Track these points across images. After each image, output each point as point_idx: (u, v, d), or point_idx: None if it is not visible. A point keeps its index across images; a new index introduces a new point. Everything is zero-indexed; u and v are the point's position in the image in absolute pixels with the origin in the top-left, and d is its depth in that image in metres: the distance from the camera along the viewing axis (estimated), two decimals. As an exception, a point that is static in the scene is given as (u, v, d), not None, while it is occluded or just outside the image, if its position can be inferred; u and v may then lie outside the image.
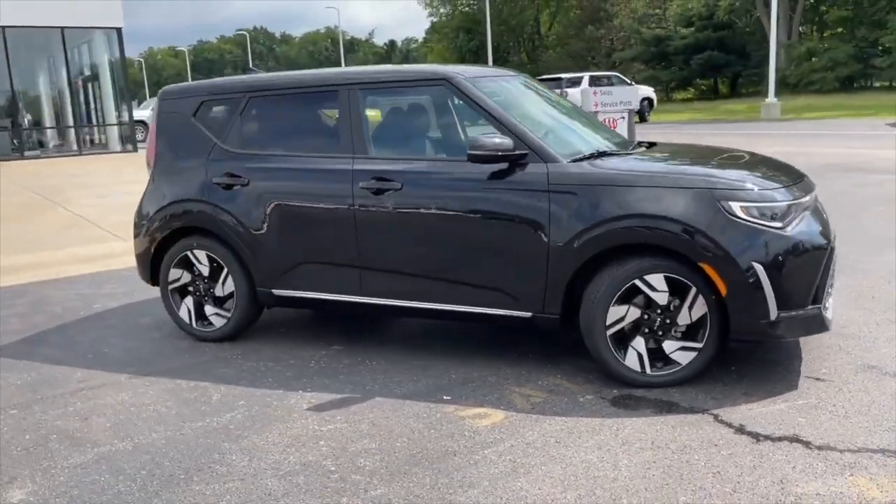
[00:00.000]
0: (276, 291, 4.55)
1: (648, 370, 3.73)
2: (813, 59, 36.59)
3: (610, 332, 3.71)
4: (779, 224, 3.55)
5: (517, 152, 3.84)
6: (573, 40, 49.54)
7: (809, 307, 3.59)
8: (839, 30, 40.08)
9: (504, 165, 3.89)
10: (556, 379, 3.92)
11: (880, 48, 35.08)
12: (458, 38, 56.94)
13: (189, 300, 4.83)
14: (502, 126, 3.97)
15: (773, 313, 3.51)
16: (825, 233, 3.72)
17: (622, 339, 3.75)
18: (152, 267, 4.91)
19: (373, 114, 4.55)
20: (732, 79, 44.21)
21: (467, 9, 57.40)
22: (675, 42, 42.11)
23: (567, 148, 4.04)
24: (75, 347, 4.88)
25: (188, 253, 4.74)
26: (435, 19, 63.23)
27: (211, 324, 4.79)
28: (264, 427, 3.53)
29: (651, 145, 4.70)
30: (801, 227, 3.60)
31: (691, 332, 3.70)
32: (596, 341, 3.74)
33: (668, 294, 3.65)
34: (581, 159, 3.93)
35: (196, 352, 4.65)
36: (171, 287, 4.85)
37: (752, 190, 3.62)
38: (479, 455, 3.15)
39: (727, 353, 3.91)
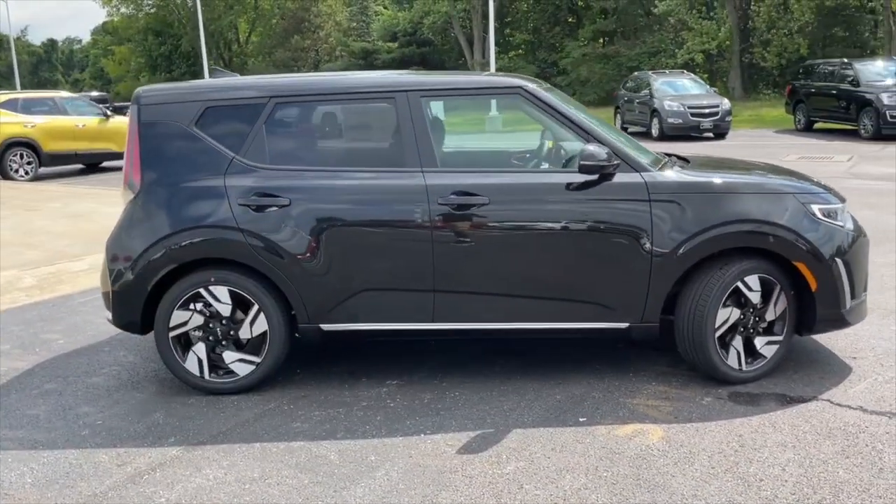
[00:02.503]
0: (324, 327, 3.98)
1: (744, 366, 3.97)
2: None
3: (717, 334, 3.88)
4: (840, 223, 4.01)
5: (615, 162, 3.84)
6: (278, 49, 48.89)
7: (864, 294, 4.11)
8: (520, 51, 44.75)
9: (595, 176, 3.86)
10: (658, 387, 3.99)
11: (557, 69, 39.88)
12: (146, 40, 53.03)
13: (199, 347, 4.00)
14: (588, 135, 3.94)
15: (848, 303, 3.96)
16: (860, 227, 4.27)
17: (723, 340, 3.94)
18: (144, 311, 3.99)
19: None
20: (433, 93, 47.00)
21: (154, 10, 53.64)
22: (382, 56, 43.68)
23: (644, 157, 4.12)
24: (57, 421, 3.78)
25: (201, 290, 3.93)
26: (115, 18, 58.04)
27: (231, 373, 4.02)
28: (440, 480, 3.10)
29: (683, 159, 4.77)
30: (850, 225, 4.10)
31: (772, 327, 4.01)
32: (705, 344, 3.88)
33: (760, 293, 3.92)
34: (662, 168, 4.04)
35: (224, 409, 3.88)
36: (174, 333, 3.98)
37: (821, 193, 4.04)
38: (695, 470, 3.12)
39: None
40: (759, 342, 3.98)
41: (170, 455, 3.41)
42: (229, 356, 4.01)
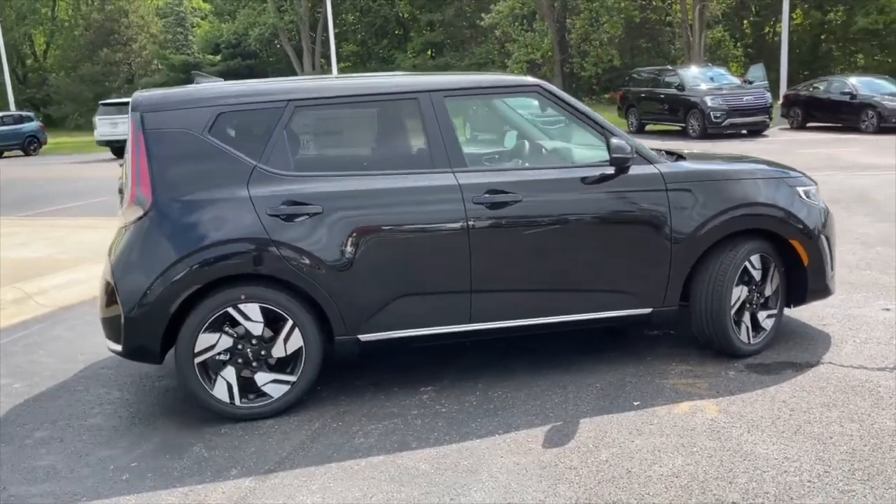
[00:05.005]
0: (362, 337, 3.83)
1: (751, 340, 4.29)
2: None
3: (733, 312, 4.17)
4: (818, 202, 4.44)
5: (635, 154, 4.02)
6: (85, 63, 45.40)
7: (835, 267, 4.59)
8: (349, 62, 44.76)
9: (611, 170, 4.03)
10: (680, 367, 4.21)
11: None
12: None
13: (228, 372, 3.70)
14: (603, 129, 4.09)
15: (829, 274, 4.41)
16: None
17: (735, 316, 4.22)
18: (164, 337, 3.63)
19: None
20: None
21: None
22: (205, 69, 41.85)
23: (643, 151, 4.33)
24: (82, 470, 3.34)
25: (230, 310, 3.65)
26: None
27: (264, 395, 3.76)
28: (548, 475, 3.10)
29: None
30: (822, 204, 4.55)
31: (768, 302, 4.36)
32: (724, 322, 4.15)
33: (761, 272, 4.26)
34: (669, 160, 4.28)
35: (268, 434, 3.62)
36: (200, 359, 3.65)
37: (801, 177, 4.45)
38: (770, 436, 3.34)
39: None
40: (761, 316, 4.32)
41: (245, 487, 3.14)
42: (262, 378, 3.75)
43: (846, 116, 18.93)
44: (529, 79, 4.23)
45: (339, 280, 3.72)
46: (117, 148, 23.52)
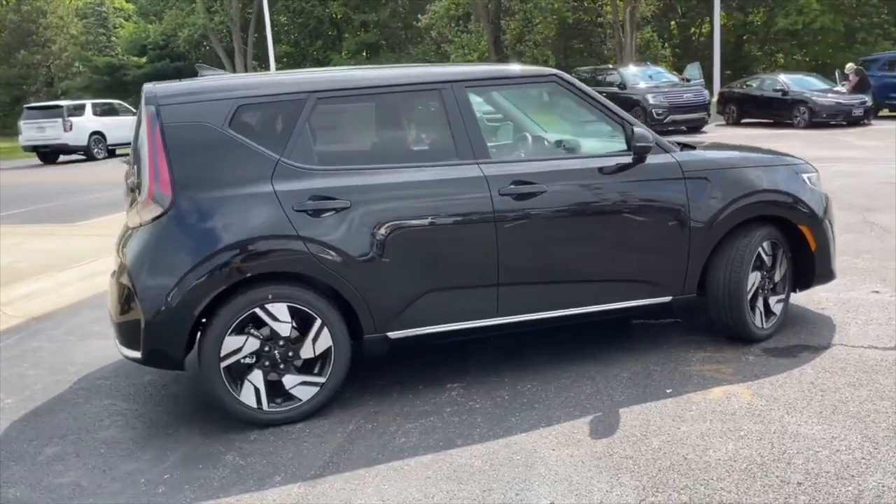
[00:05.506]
0: (391, 335, 3.73)
1: (765, 324, 4.36)
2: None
3: (749, 297, 4.23)
4: (820, 189, 4.55)
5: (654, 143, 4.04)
6: (2, 66, 43.37)
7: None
8: (283, 63, 44.05)
9: (629, 159, 4.04)
10: (699, 353, 4.24)
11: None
12: None
13: (256, 375, 3.54)
14: (620, 118, 4.10)
15: (833, 259, 4.52)
16: None
17: (751, 302, 4.28)
18: (188, 342, 3.45)
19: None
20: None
21: None
22: (132, 71, 40.61)
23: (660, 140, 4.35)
24: (112, 485, 3.13)
25: (257, 310, 3.49)
26: None
27: (292, 399, 3.61)
28: (606, 466, 3.07)
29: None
30: (823, 191, 4.66)
31: (777, 287, 4.44)
32: (742, 308, 4.20)
33: (772, 258, 4.34)
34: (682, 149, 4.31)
35: (301, 438, 3.48)
36: (226, 363, 3.49)
37: (804, 164, 4.55)
38: (810, 417, 3.40)
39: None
40: (772, 301, 4.40)
41: (296, 492, 3.00)
42: (290, 380, 3.60)
43: (779, 112, 19.64)
44: (546, 69, 4.20)
45: (368, 276, 3.61)
46: (45, 153, 22.57)
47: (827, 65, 30.90)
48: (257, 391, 3.55)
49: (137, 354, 3.50)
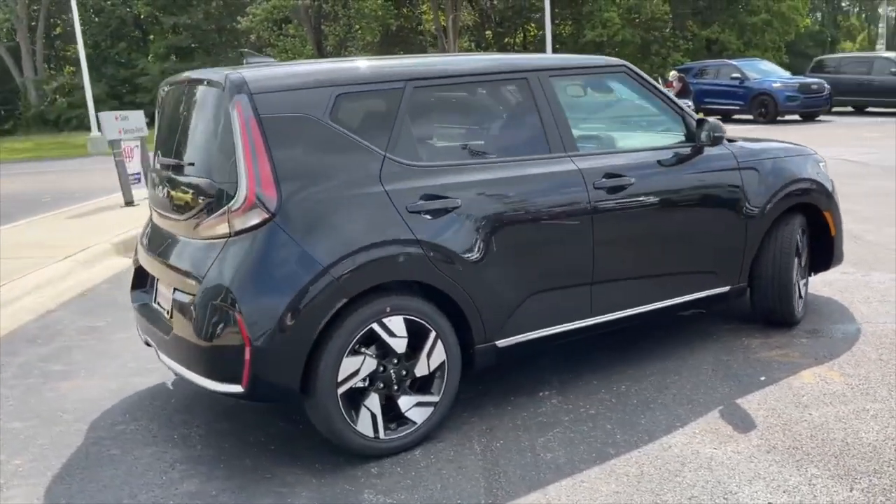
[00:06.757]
0: (500, 344, 3.43)
1: (799, 308, 4.53)
2: (73, 94, 36.08)
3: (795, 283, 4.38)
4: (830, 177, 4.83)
5: None
6: None
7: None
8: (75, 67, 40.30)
9: (688, 150, 4.05)
10: (755, 340, 4.30)
11: (132, 86, 37.08)
12: None
13: (372, 400, 3.10)
14: (681, 110, 4.11)
15: (842, 245, 4.82)
16: None
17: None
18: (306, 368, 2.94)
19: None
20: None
21: None
22: None
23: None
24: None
25: (375, 326, 3.06)
26: None
27: (406, 423, 3.21)
28: (772, 459, 3.01)
29: None
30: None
31: (804, 271, 4.64)
32: (790, 293, 4.34)
33: (801, 243, 4.53)
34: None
35: (426, 466, 3.09)
36: (343, 389, 3.02)
37: (816, 154, 4.79)
38: (913, 389, 3.56)
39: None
40: (801, 285, 4.59)
41: (490, 528, 2.64)
42: (405, 402, 3.19)
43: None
44: (616, 59, 4.10)
45: (479, 281, 3.29)
46: None
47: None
48: (374, 418, 3.11)
49: (237, 388, 2.93)
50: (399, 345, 3.13)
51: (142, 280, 3.79)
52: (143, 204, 10.11)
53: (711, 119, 3.96)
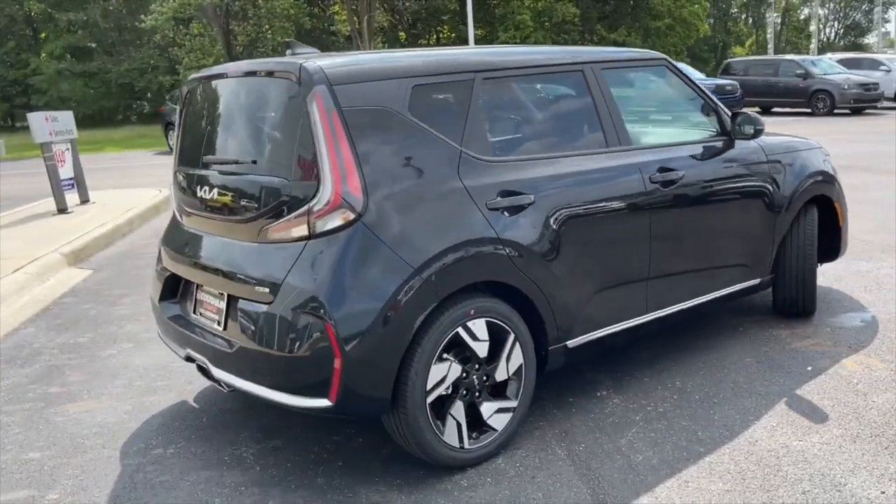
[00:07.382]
0: (570, 344, 3.32)
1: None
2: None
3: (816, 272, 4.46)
4: None
5: None
6: None
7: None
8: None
9: (721, 143, 4.08)
10: (783, 331, 4.35)
11: (24, 87, 35.04)
12: None
13: (458, 408, 2.93)
14: (714, 103, 4.12)
15: (846, 233, 4.96)
16: None
17: (814, 278, 4.52)
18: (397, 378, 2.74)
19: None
20: None
21: None
22: None
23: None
24: None
25: (460, 330, 2.89)
26: None
27: (487, 430, 3.05)
28: (857, 449, 3.02)
29: None
30: None
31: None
32: (813, 284, 4.42)
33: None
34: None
35: (515, 476, 2.94)
36: (432, 397, 2.83)
37: (822, 147, 4.90)
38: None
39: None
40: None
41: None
42: (487, 409, 3.04)
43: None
44: (657, 53, 4.06)
45: (554, 279, 3.18)
46: None
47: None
48: (459, 427, 2.94)
49: (324, 402, 2.69)
50: (482, 349, 2.97)
51: (172, 289, 3.47)
52: (78, 211, 9.46)
53: (751, 112, 3.98)
